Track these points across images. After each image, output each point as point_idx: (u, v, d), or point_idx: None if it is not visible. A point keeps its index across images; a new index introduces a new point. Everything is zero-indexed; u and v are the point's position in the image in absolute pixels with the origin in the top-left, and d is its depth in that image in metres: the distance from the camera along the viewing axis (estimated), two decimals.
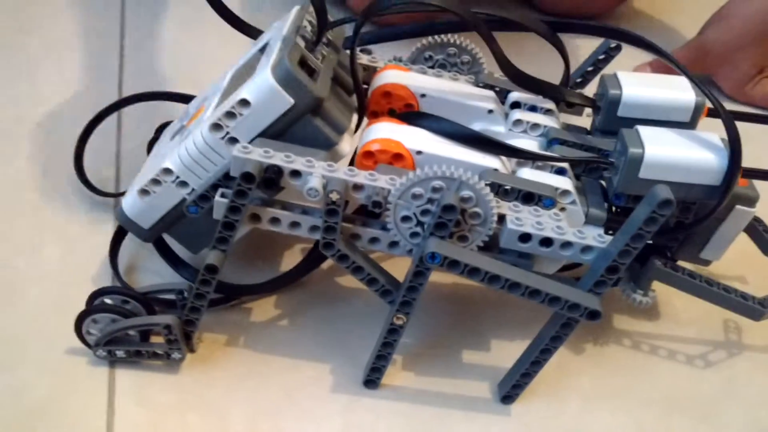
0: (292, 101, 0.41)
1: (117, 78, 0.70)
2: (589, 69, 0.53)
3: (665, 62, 0.45)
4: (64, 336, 0.46)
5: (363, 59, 0.51)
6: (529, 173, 0.44)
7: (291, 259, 0.53)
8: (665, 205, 0.37)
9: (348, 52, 0.46)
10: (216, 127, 0.42)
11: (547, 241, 0.41)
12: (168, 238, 0.50)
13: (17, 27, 0.75)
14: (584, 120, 0.51)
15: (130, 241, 0.52)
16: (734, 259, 0.52)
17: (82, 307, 0.45)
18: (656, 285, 0.48)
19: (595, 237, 0.41)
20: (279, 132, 0.42)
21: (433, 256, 0.39)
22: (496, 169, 0.43)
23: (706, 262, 0.49)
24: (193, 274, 0.50)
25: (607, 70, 0.51)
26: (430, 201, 0.40)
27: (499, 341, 0.50)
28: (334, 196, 0.40)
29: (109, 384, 0.45)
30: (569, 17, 0.82)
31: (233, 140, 0.42)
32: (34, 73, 0.70)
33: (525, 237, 0.41)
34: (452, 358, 0.49)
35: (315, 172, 0.40)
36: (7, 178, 0.58)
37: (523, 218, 0.41)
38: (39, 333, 0.47)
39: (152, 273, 0.52)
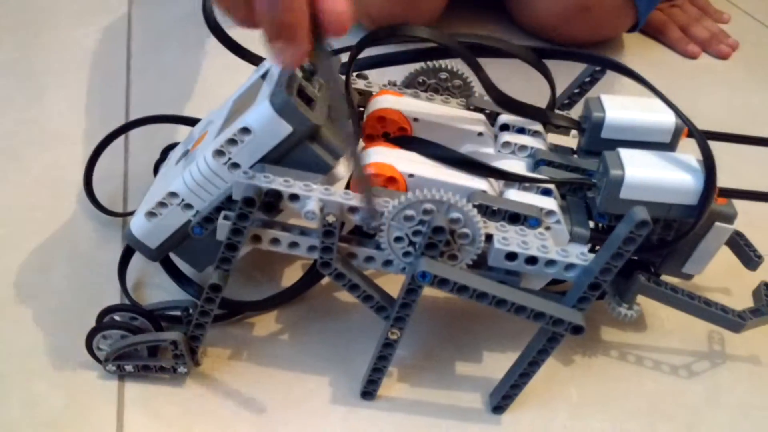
0: (290, 129, 0.43)
1: (124, 101, 0.72)
2: (576, 91, 0.55)
3: (645, 88, 0.47)
4: (76, 351, 0.48)
5: (359, 84, 0.53)
6: (515, 194, 0.46)
7: (292, 275, 0.56)
8: (642, 225, 0.39)
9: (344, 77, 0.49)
10: (219, 153, 0.44)
11: (532, 260, 0.43)
12: (174, 256, 0.52)
13: (27, 53, 0.78)
14: (571, 140, 0.53)
15: (137, 258, 0.54)
16: (719, 271, 0.54)
17: (92, 322, 0.47)
18: (642, 297, 0.50)
19: (578, 255, 0.43)
20: (279, 157, 0.44)
21: (424, 274, 0.41)
22: (484, 191, 0.45)
23: (689, 277, 0.51)
24: (198, 291, 0.52)
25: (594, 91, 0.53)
26: (421, 222, 0.42)
27: (491, 353, 0.52)
28: (331, 219, 0.42)
29: (118, 397, 0.47)
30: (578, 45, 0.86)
31: (235, 165, 0.45)
32: (44, 97, 0.72)
33: (511, 255, 0.43)
34: (446, 369, 0.51)
35: (312, 196, 0.42)
36: (19, 198, 0.61)
37: (509, 238, 0.43)
38: (51, 348, 0.49)
39: (159, 289, 0.54)
